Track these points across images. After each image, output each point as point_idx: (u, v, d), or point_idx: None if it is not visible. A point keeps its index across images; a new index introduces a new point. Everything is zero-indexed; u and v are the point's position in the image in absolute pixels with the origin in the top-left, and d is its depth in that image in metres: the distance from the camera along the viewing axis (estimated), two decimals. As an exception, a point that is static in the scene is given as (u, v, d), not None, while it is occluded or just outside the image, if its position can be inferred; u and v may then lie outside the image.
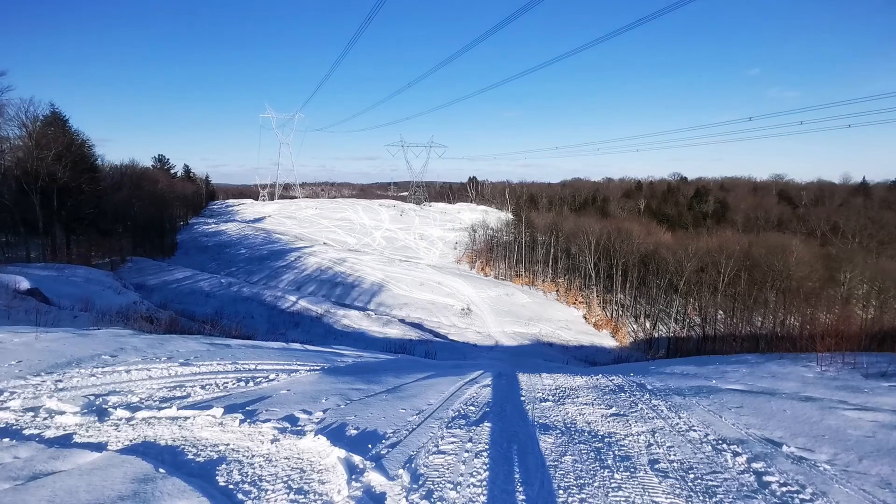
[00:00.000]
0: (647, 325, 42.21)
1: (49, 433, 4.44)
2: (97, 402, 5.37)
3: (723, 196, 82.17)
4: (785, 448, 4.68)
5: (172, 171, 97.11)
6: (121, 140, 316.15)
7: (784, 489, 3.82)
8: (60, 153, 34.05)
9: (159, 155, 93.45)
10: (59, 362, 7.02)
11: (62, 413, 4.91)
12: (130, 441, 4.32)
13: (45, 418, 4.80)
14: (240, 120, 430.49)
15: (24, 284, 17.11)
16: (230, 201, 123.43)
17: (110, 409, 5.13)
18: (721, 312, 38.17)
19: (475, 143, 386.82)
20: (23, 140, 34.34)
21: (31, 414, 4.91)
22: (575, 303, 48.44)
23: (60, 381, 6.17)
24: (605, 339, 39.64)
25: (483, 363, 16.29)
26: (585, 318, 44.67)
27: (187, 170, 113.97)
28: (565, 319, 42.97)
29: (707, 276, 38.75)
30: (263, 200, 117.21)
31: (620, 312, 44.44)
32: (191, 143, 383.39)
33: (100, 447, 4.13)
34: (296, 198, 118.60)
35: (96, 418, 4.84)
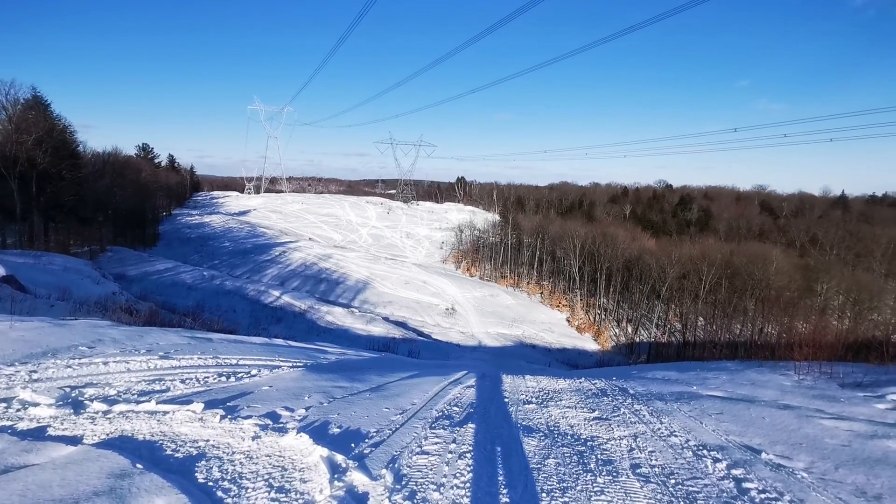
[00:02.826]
0: (629, 329, 42.65)
1: (22, 425, 4.32)
2: (73, 395, 5.24)
3: (706, 204, 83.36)
4: (764, 455, 4.76)
5: (157, 161, 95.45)
6: (104, 127, 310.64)
7: (763, 496, 3.88)
8: (41, 138, 33.20)
9: (143, 144, 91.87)
10: (34, 352, 6.84)
11: (36, 405, 4.78)
12: (107, 435, 4.22)
13: (18, 410, 4.67)
14: (227, 111, 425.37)
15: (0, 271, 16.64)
16: (215, 193, 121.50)
17: (86, 402, 5.01)
18: (701, 319, 38.69)
19: (465, 143, 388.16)
20: (2, 123, 33.39)
21: (4, 405, 4.77)
22: (559, 306, 48.75)
23: (35, 371, 6.01)
24: (588, 343, 39.94)
25: (466, 363, 16.30)
26: (569, 321, 44.96)
27: (172, 160, 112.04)
28: (549, 322, 43.21)
29: (689, 282, 39.31)
30: (249, 193, 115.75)
31: (603, 316, 44.85)
32: (176, 133, 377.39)
33: (75, 441, 4.02)
34: (282, 192, 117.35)
35: (72, 411, 4.72)
